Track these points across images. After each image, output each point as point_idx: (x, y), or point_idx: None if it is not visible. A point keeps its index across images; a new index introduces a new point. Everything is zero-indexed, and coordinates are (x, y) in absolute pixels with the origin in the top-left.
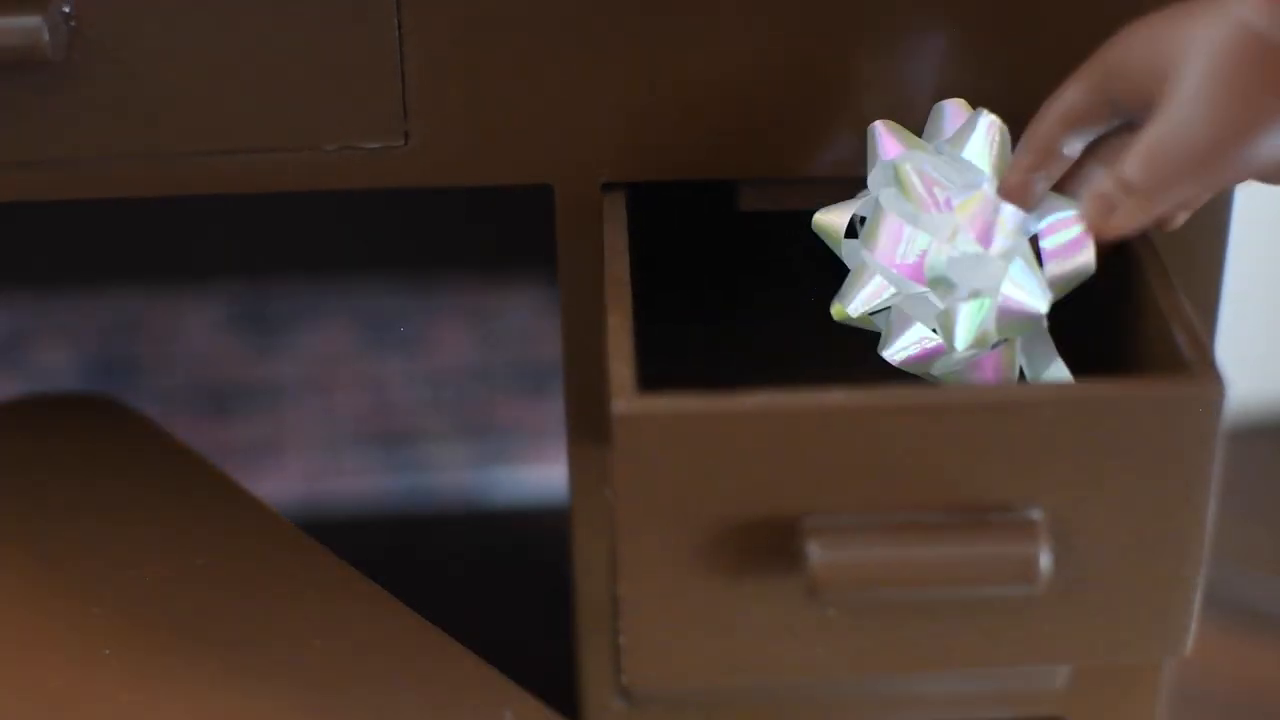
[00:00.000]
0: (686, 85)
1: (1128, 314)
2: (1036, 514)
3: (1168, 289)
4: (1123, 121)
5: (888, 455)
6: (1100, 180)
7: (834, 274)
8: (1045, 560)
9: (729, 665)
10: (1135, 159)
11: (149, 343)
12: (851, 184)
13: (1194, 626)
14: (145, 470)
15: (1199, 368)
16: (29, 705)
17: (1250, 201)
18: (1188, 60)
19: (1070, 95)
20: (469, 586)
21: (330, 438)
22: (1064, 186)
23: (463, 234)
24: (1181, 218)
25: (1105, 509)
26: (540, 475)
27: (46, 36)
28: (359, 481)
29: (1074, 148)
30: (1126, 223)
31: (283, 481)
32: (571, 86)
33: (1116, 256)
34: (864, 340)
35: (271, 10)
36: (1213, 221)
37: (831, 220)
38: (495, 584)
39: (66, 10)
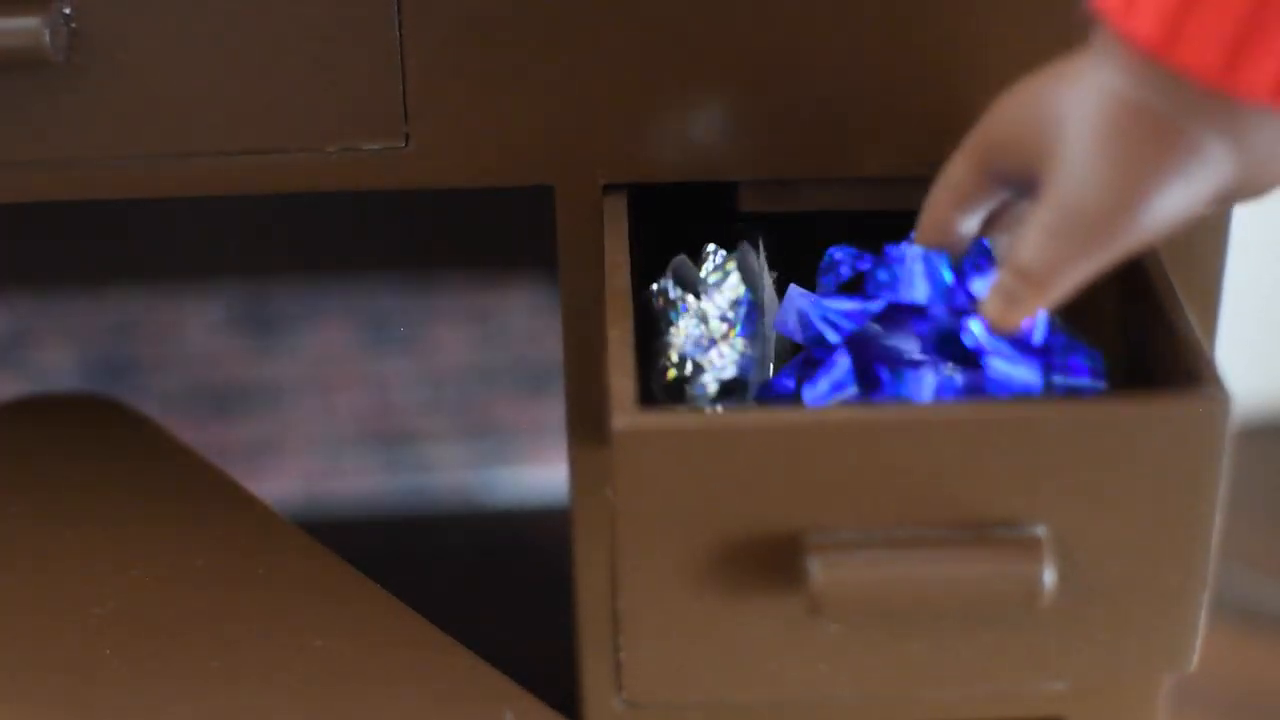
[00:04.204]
0: (687, 86)
1: (1132, 327)
2: (1040, 530)
3: (1172, 301)
4: (1014, 193)
5: (889, 471)
6: (998, 275)
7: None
8: (1049, 577)
9: (730, 681)
10: (1028, 246)
11: (149, 343)
12: (849, 185)
13: (1199, 643)
14: (145, 470)
15: (1204, 381)
16: (29, 705)
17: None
18: (1064, 137)
19: (955, 174)
20: (469, 586)
21: (330, 438)
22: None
23: (463, 234)
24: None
25: (1109, 525)
26: (540, 475)
27: (47, 38)
28: (359, 481)
29: (969, 225)
30: (1028, 310)
31: (283, 481)
32: (572, 87)
33: (1121, 269)
34: None
35: (273, 12)
36: (1213, 222)
37: None
38: (495, 584)
39: (67, 12)
